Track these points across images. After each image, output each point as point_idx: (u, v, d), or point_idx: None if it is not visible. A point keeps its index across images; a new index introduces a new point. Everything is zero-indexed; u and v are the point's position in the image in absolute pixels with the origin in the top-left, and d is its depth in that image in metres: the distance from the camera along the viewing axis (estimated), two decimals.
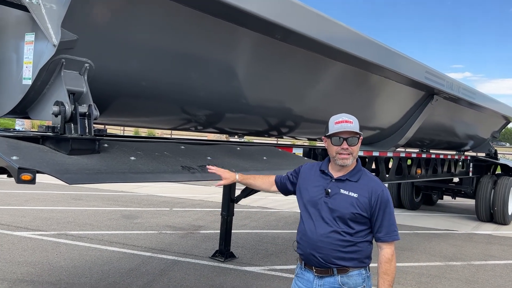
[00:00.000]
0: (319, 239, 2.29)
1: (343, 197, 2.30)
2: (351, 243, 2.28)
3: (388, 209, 2.32)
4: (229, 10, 2.87)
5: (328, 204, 2.31)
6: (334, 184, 2.35)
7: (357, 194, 2.29)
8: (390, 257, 2.29)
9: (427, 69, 5.25)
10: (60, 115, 2.33)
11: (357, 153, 2.37)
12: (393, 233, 2.32)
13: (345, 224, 2.28)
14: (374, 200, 2.29)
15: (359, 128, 2.37)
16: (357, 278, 2.30)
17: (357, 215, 2.27)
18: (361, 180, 2.35)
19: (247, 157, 3.26)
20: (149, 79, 3.04)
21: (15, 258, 5.18)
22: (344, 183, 2.34)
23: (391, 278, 2.27)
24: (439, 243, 7.36)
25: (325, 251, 2.27)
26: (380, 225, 2.30)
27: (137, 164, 2.33)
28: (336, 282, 2.28)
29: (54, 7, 2.35)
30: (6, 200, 8.74)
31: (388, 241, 2.31)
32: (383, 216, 2.30)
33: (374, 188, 2.32)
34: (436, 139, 8.47)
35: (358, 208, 2.27)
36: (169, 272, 5.00)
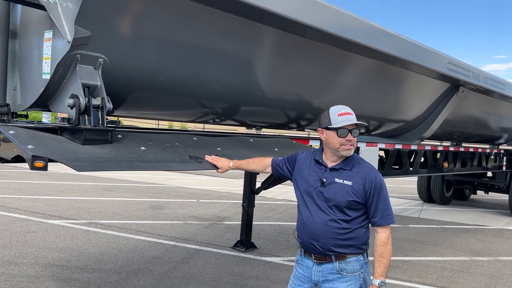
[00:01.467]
0: (317, 228, 2.35)
1: (338, 186, 2.36)
2: (348, 230, 2.34)
3: (382, 194, 2.36)
4: (244, 8, 2.95)
5: (324, 194, 2.37)
6: (328, 174, 2.40)
7: (351, 182, 2.34)
8: (386, 240, 2.33)
9: (450, 60, 5.14)
10: (75, 107, 2.47)
11: (355, 142, 2.43)
12: (388, 217, 2.35)
13: (341, 212, 2.34)
14: (368, 186, 2.33)
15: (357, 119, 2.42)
16: (355, 264, 2.36)
17: (353, 202, 2.33)
18: (354, 168, 2.39)
19: (258, 148, 3.34)
20: (164, 72, 3.14)
21: (47, 244, 5.48)
22: (339, 171, 2.39)
23: (386, 261, 2.32)
24: (466, 238, 7.21)
25: (323, 239, 2.34)
26: (375, 210, 2.34)
27: (146, 154, 2.45)
28: (334, 268, 2.35)
29: (70, 6, 2.49)
30: (42, 191, 9.19)
31: (384, 225, 2.35)
32: (377, 200, 2.34)
33: (367, 174, 2.36)
34: (466, 132, 8.25)
35: (353, 196, 2.33)
36: (191, 261, 5.16)
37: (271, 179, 5.77)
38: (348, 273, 2.35)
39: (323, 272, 2.37)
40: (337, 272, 2.35)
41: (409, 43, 4.53)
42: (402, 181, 14.67)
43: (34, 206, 7.62)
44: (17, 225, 6.29)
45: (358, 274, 2.37)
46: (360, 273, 2.38)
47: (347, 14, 3.73)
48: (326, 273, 2.36)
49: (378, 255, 2.33)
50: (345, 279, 2.35)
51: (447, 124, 7.21)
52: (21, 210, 7.20)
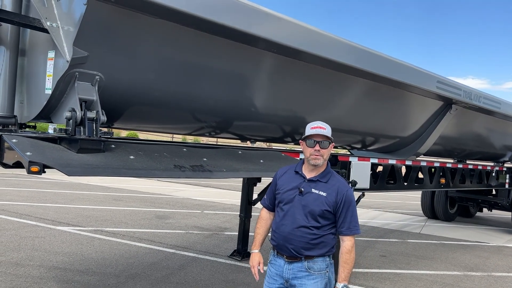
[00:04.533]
0: (291, 233, 2.60)
1: (314, 196, 2.60)
2: (318, 235, 2.59)
3: (351, 207, 2.63)
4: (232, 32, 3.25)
5: (301, 202, 2.61)
6: (306, 184, 2.64)
7: (326, 193, 2.60)
8: (350, 249, 2.58)
9: (440, 79, 5.34)
10: (72, 119, 2.77)
11: (327, 156, 2.67)
12: (354, 228, 2.61)
13: (314, 219, 2.58)
14: (340, 199, 2.59)
15: (331, 134, 2.68)
16: (321, 264, 2.62)
17: (326, 212, 2.58)
18: (330, 181, 2.65)
19: (244, 159, 3.58)
20: (158, 89, 3.42)
21: (53, 248, 5.78)
22: (316, 183, 2.64)
23: (349, 267, 2.57)
24: (463, 254, 7.29)
25: (295, 243, 2.59)
26: (343, 220, 2.60)
27: (133, 162, 2.72)
28: (303, 266, 2.60)
29: (71, 29, 2.81)
30: (54, 199, 9.56)
31: (349, 235, 2.60)
32: (346, 212, 2.60)
33: (340, 188, 2.63)
34: (467, 149, 8.37)
35: (326, 206, 2.58)
36: (187, 267, 5.39)
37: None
38: (315, 272, 2.60)
39: (293, 270, 2.61)
40: (306, 270, 2.59)
41: (398, 64, 4.76)
42: (408, 197, 14.71)
43: (45, 213, 7.97)
44: (27, 231, 6.61)
45: (324, 273, 2.63)
46: (325, 272, 2.63)
47: (340, 40, 4.00)
48: (296, 271, 2.61)
49: (343, 261, 2.58)
50: (312, 276, 2.59)
51: (446, 141, 7.36)
52: (32, 217, 7.54)
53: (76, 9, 2.76)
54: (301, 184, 2.65)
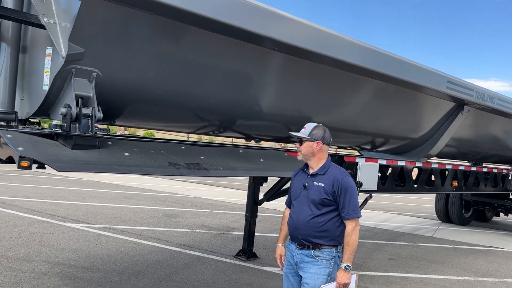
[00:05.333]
0: (300, 223, 2.92)
1: (315, 187, 2.92)
2: (322, 223, 2.87)
3: (348, 193, 2.86)
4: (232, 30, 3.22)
5: (306, 195, 2.95)
6: (309, 179, 2.97)
7: (324, 183, 2.90)
8: (350, 232, 2.83)
9: (450, 79, 5.21)
10: (67, 115, 2.77)
11: (307, 152, 2.97)
12: (353, 212, 2.84)
13: (316, 208, 2.88)
14: (336, 186, 2.86)
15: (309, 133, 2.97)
16: (327, 254, 2.88)
17: (325, 200, 2.87)
18: (327, 173, 2.95)
19: (244, 158, 3.54)
20: (158, 86, 3.40)
21: (60, 245, 5.84)
22: (316, 177, 2.95)
23: (351, 249, 2.81)
24: (476, 259, 7.11)
25: (303, 231, 2.91)
26: (342, 206, 2.85)
27: (127, 159, 2.71)
28: (310, 253, 2.90)
29: (68, 25, 2.81)
30: (66, 196, 9.68)
31: (349, 218, 2.84)
32: (344, 198, 2.85)
33: (336, 176, 2.90)
34: (481, 151, 8.18)
35: (324, 194, 2.87)
36: (191, 266, 5.38)
37: (273, 191, 5.96)
38: (320, 259, 2.88)
39: (301, 255, 2.92)
40: (312, 257, 2.88)
41: (406, 63, 4.65)
42: (422, 200, 14.47)
43: (56, 210, 8.07)
44: (37, 227, 6.70)
45: (329, 262, 2.88)
46: (330, 262, 2.88)
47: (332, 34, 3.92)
48: (304, 256, 2.91)
49: (345, 244, 2.85)
50: (317, 263, 2.88)
51: (460, 143, 7.20)
52: (42, 213, 7.65)
53: (72, 5, 2.75)
54: (305, 180, 2.99)
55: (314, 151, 2.94)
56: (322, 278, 2.86)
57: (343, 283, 2.80)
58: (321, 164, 2.95)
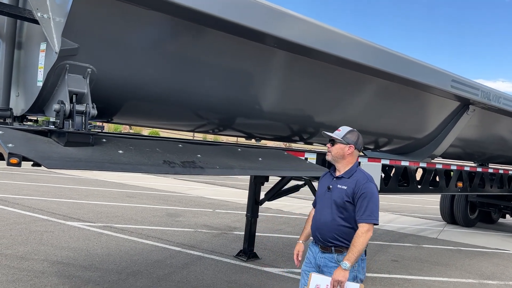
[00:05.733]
0: (321, 223, 3.01)
1: (338, 190, 2.99)
2: (343, 226, 2.92)
3: (367, 198, 2.87)
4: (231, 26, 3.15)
5: (329, 197, 3.02)
6: (334, 182, 3.05)
7: (346, 186, 2.96)
8: (360, 234, 2.83)
9: (454, 78, 5.11)
10: (60, 112, 2.72)
11: (338, 154, 3.05)
12: (368, 217, 2.85)
13: (338, 211, 2.95)
14: (357, 190, 2.91)
15: (343, 136, 3.04)
16: None
17: (346, 203, 2.92)
18: (352, 177, 2.99)
19: (242, 157, 3.48)
20: (155, 83, 3.35)
21: (60, 243, 5.81)
22: (341, 180, 3.02)
23: (356, 250, 2.80)
24: (481, 261, 7.00)
25: (323, 233, 2.98)
26: (358, 209, 2.88)
27: (120, 157, 2.66)
28: (333, 258, 2.94)
29: (62, 20, 2.76)
30: (69, 195, 9.67)
31: (361, 222, 2.86)
32: (361, 202, 2.88)
33: (358, 181, 2.95)
34: (487, 152, 8.06)
35: (346, 197, 2.93)
36: (191, 266, 5.33)
37: (274, 191, 5.89)
38: None
39: (324, 259, 2.97)
40: (335, 261, 2.92)
41: (409, 61, 4.56)
42: (428, 201, 14.34)
43: (58, 208, 8.05)
44: (37, 225, 6.68)
45: (353, 267, 2.86)
46: (354, 266, 2.86)
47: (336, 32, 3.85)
48: (328, 261, 2.96)
49: (352, 243, 2.85)
50: None
51: (466, 143, 7.09)
52: (44, 211, 7.63)
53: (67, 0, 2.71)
54: (330, 182, 3.07)
55: (344, 154, 3.02)
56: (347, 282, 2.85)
57: (337, 280, 2.78)
58: (347, 168, 3.03)
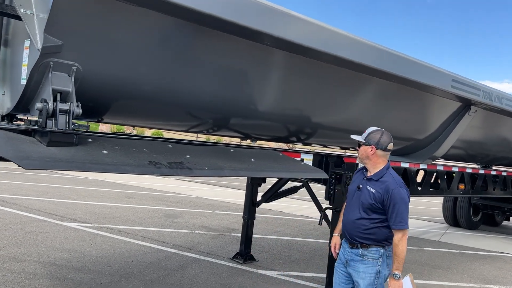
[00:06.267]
0: (349, 222, 3.14)
1: (367, 192, 3.06)
2: (368, 227, 3.03)
3: (397, 204, 2.95)
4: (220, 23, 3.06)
5: (358, 196, 3.12)
6: (364, 182, 3.13)
7: (375, 190, 3.02)
8: (397, 242, 2.94)
9: (455, 78, 5.00)
10: (43, 111, 2.64)
11: (362, 155, 3.16)
12: (399, 223, 2.94)
13: (365, 212, 3.05)
14: (386, 197, 2.98)
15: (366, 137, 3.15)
16: (375, 253, 3.03)
17: (373, 205, 3.01)
18: (381, 179, 3.05)
19: (233, 158, 3.38)
20: (144, 81, 3.26)
21: (54, 244, 5.74)
22: (370, 181, 3.09)
23: (399, 258, 2.94)
24: (483, 265, 6.87)
25: (351, 231, 3.11)
26: (390, 216, 2.97)
27: (103, 157, 2.57)
28: (358, 253, 3.07)
29: (46, 16, 2.68)
30: (67, 195, 9.61)
31: (395, 229, 2.95)
32: (392, 209, 2.96)
33: (388, 186, 3.00)
34: (490, 154, 7.92)
35: (373, 200, 3.01)
36: (185, 269, 5.24)
37: (271, 192, 5.80)
38: (368, 258, 3.04)
39: (351, 254, 3.11)
40: (360, 255, 3.06)
41: (407, 60, 4.46)
42: (431, 203, 14.18)
43: (55, 208, 7.99)
44: (33, 225, 6.62)
45: (376, 261, 3.03)
46: (378, 261, 3.02)
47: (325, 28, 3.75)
48: (353, 255, 3.09)
49: (393, 253, 2.98)
50: (365, 262, 3.04)
51: (468, 145, 6.97)
52: (41, 212, 7.57)
53: None
54: (361, 182, 3.15)
55: (368, 155, 3.10)
56: (370, 276, 3.01)
57: None
58: (377, 170, 3.09)
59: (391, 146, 3.15)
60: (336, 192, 4.71)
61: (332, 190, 4.72)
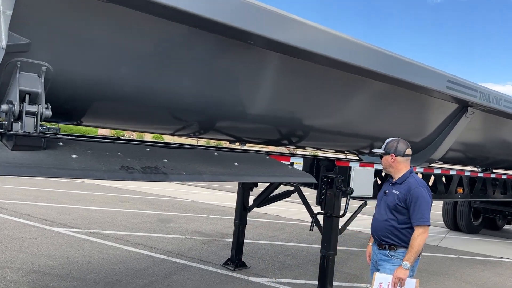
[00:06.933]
0: (377, 224, 3.39)
1: (392, 194, 3.35)
2: (395, 228, 3.27)
3: (417, 203, 3.19)
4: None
5: (385, 200, 3.40)
6: (390, 187, 3.43)
7: (399, 192, 3.31)
8: (416, 236, 3.16)
9: (450, 78, 4.84)
10: (9, 113, 2.50)
11: (385, 165, 3.48)
12: (420, 219, 3.17)
13: (391, 213, 3.30)
14: (409, 196, 3.24)
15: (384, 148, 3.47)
16: (402, 255, 3.23)
17: (398, 207, 3.26)
18: (404, 182, 3.33)
19: (215, 162, 3.23)
20: (119, 82, 3.10)
21: (40, 251, 5.59)
22: (395, 185, 3.38)
23: (413, 251, 3.15)
24: (482, 271, 6.69)
25: (378, 232, 3.37)
26: (412, 213, 3.21)
27: (71, 162, 2.42)
28: (386, 253, 3.31)
29: (11, 13, 2.54)
30: (60, 199, 9.48)
31: (415, 225, 3.18)
32: (414, 207, 3.21)
33: (409, 187, 3.27)
34: (490, 156, 7.75)
35: (397, 201, 3.28)
36: (174, 276, 5.08)
37: (263, 197, 5.65)
38: (395, 259, 3.25)
39: (379, 254, 3.35)
40: (388, 256, 3.29)
41: (399, 60, 4.30)
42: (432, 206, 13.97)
43: (46, 213, 7.85)
44: (21, 231, 6.47)
45: None
46: None
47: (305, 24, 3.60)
48: (381, 255, 3.34)
49: (409, 245, 3.17)
50: (392, 261, 3.26)
51: (466, 147, 6.80)
52: (31, 217, 7.43)
53: None
54: (387, 187, 3.45)
55: (390, 163, 3.40)
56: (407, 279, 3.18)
57: (398, 277, 3.11)
58: (400, 175, 3.37)
59: (409, 151, 3.46)
60: (327, 196, 4.54)
61: (323, 195, 4.55)
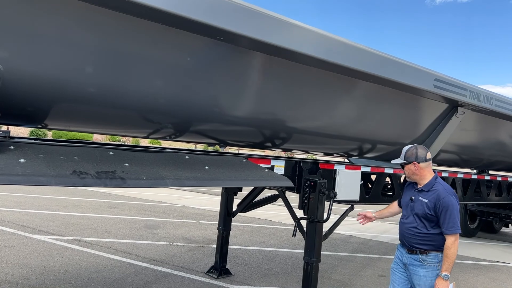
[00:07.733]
0: (405, 230, 3.40)
1: (420, 202, 3.33)
2: (424, 234, 3.28)
3: (448, 211, 3.19)
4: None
5: (412, 207, 3.39)
6: (416, 193, 3.40)
7: (427, 200, 3.29)
8: (449, 245, 3.15)
9: (438, 77, 4.66)
10: None
11: (408, 173, 3.45)
12: (451, 228, 3.17)
13: (420, 221, 3.30)
14: (438, 205, 3.23)
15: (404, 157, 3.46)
16: (434, 258, 3.24)
17: (428, 215, 3.26)
18: (432, 190, 3.32)
19: (184, 166, 3.04)
20: (80, 81, 2.92)
21: (17, 260, 5.39)
22: (422, 192, 3.36)
23: (450, 261, 3.14)
24: (477, 276, 6.48)
25: (407, 238, 3.37)
26: (442, 222, 3.21)
27: (16, 167, 2.24)
28: (418, 258, 3.30)
29: None
30: (47, 206, 9.27)
31: (447, 233, 3.18)
32: (444, 216, 3.20)
33: (438, 195, 3.26)
34: (484, 158, 7.56)
35: (427, 209, 3.27)
36: (153, 285, 4.88)
37: (247, 202, 5.46)
38: (427, 263, 3.24)
39: (411, 259, 3.34)
40: (420, 261, 3.28)
41: (382, 58, 4.12)
42: None
43: (29, 220, 7.64)
44: (0, 239, 6.27)
45: (436, 265, 3.23)
46: (437, 265, 3.23)
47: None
48: (413, 260, 3.32)
49: (444, 255, 3.18)
50: (425, 267, 3.25)
51: (459, 149, 6.62)
52: (13, 224, 7.22)
53: None
54: (413, 193, 3.43)
55: (414, 171, 3.37)
56: (431, 279, 3.20)
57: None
58: (426, 181, 3.35)
59: (430, 155, 3.43)
60: (310, 201, 4.35)
61: (306, 199, 4.36)
